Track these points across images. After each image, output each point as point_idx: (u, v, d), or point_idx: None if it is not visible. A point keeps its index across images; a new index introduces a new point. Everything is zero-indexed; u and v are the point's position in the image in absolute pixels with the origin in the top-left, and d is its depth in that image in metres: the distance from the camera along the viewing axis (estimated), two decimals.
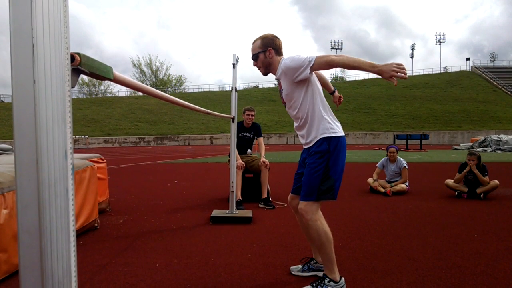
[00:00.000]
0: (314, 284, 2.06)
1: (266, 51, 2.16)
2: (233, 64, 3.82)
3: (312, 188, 2.03)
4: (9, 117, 38.23)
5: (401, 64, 1.77)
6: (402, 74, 1.74)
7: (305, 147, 2.20)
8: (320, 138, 2.06)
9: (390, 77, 1.76)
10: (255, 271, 2.37)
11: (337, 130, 2.12)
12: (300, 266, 2.37)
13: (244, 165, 4.62)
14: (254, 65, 2.24)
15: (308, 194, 2.04)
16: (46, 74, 0.72)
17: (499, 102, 44.19)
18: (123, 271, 2.38)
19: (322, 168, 2.03)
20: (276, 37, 2.22)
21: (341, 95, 2.68)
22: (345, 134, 2.16)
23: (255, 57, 2.20)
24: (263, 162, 4.62)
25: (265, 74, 2.23)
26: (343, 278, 2.08)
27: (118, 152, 20.31)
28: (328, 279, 2.04)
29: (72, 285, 0.77)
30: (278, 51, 2.19)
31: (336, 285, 2.03)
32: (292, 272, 2.35)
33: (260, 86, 63.87)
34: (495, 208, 4.37)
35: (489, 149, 18.36)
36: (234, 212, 3.87)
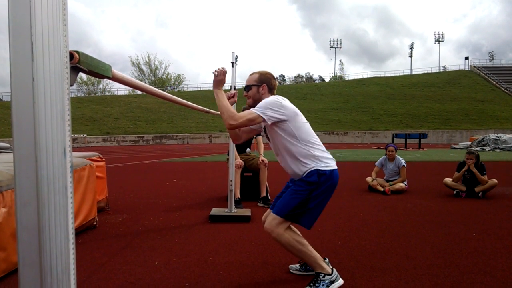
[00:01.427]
0: (312, 284, 2.07)
1: (260, 86, 2.23)
2: (232, 63, 3.82)
3: (287, 206, 2.04)
4: (7, 116, 38.15)
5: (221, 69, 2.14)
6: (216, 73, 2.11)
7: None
8: (312, 170, 2.07)
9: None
10: (253, 270, 2.38)
11: (330, 163, 2.14)
12: (298, 266, 2.38)
13: (243, 163, 4.63)
14: (245, 95, 2.29)
15: (280, 209, 2.06)
16: (45, 72, 0.72)
17: (497, 101, 44.26)
18: (121, 269, 2.38)
19: (304, 196, 2.04)
20: (274, 77, 2.31)
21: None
22: (344, 133, 2.17)
23: (248, 88, 2.26)
24: (262, 160, 4.62)
25: (251, 106, 2.23)
26: (334, 269, 2.13)
27: (117, 151, 20.30)
28: (322, 274, 2.07)
29: (71, 283, 0.77)
30: (271, 91, 2.27)
31: (331, 277, 2.07)
32: (291, 271, 2.36)
33: None
34: (493, 207, 4.38)
35: (487, 148, 18.40)
36: (233, 211, 3.88)
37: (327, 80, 77.05)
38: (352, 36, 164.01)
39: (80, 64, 0.85)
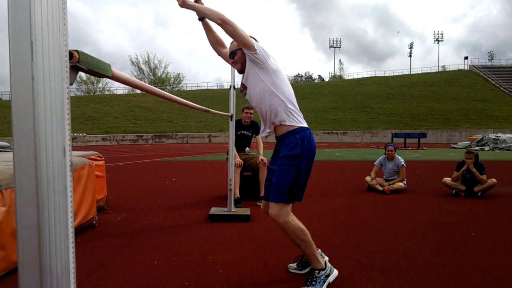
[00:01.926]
0: (308, 283, 2.08)
1: None
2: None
3: (283, 189, 2.04)
4: (7, 114, 38.11)
5: None
6: None
7: (277, 140, 2.22)
8: (291, 136, 2.09)
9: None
10: (253, 269, 2.38)
11: (305, 124, 2.17)
12: (295, 265, 2.39)
13: (242, 163, 4.63)
14: (232, 63, 2.27)
15: (278, 195, 2.05)
16: (44, 71, 0.72)
17: (497, 101, 44.31)
18: (121, 268, 2.38)
19: (294, 173, 2.05)
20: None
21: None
22: (343, 132, 2.19)
23: (232, 55, 2.23)
24: (261, 160, 4.62)
25: (241, 71, 2.25)
26: (327, 261, 2.17)
27: (116, 150, 20.29)
28: (317, 271, 2.09)
29: (71, 281, 0.77)
30: None
31: (325, 271, 2.10)
32: (290, 270, 2.36)
33: None
34: (492, 207, 4.39)
35: (486, 148, 18.43)
36: (232, 210, 3.88)
37: (326, 79, 77.09)
38: (351, 35, 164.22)
39: (79, 63, 0.85)
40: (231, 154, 4.01)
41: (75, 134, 30.29)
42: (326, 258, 2.33)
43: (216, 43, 2.37)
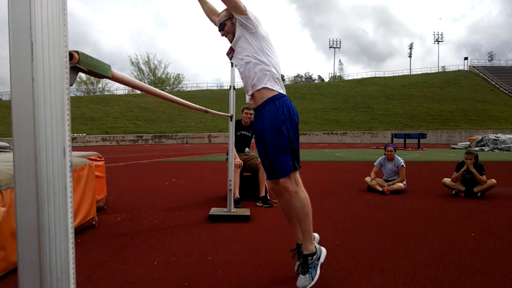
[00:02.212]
0: (303, 271, 2.11)
1: (232, 18, 2.23)
2: (232, 63, 3.81)
3: (285, 161, 2.09)
4: (7, 115, 38.10)
5: None
6: None
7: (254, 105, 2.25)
8: (270, 103, 2.12)
9: None
10: (253, 269, 2.38)
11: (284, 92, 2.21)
12: (297, 262, 2.37)
13: (242, 163, 4.63)
14: (222, 35, 2.29)
15: (284, 170, 2.10)
16: (44, 72, 0.72)
17: (496, 101, 44.33)
18: (121, 269, 2.38)
19: (286, 138, 2.09)
20: None
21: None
22: (343, 133, 2.22)
23: (222, 26, 2.26)
24: None
25: (232, 40, 2.26)
26: (315, 244, 2.22)
27: (116, 150, 20.29)
28: (310, 257, 2.13)
29: (70, 282, 0.77)
30: None
31: (317, 255, 2.17)
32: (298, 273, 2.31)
33: None
34: (492, 207, 4.39)
35: (486, 148, 18.43)
36: (232, 210, 3.88)
37: (326, 80, 77.13)
38: (351, 36, 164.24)
39: (79, 64, 0.85)
40: (230, 155, 4.02)
41: (75, 134, 30.29)
42: (316, 236, 2.39)
43: (210, 13, 2.43)
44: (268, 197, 4.61)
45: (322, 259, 2.21)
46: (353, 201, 4.84)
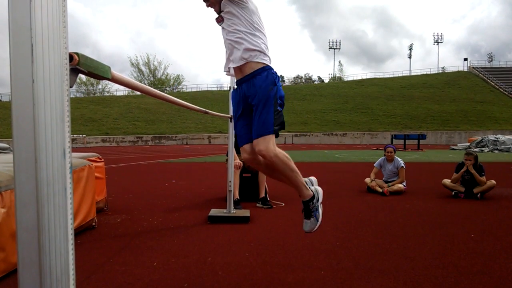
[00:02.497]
0: (307, 216, 2.13)
1: None
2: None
3: (268, 122, 2.04)
4: (7, 116, 38.10)
5: None
6: None
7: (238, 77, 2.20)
8: (262, 72, 2.09)
9: None
10: (252, 270, 2.38)
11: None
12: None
13: (242, 164, 4.63)
14: (208, 5, 2.23)
15: (265, 128, 2.03)
16: (44, 74, 0.73)
17: (496, 102, 44.36)
18: (120, 270, 2.38)
19: (272, 104, 2.06)
20: None
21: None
22: (343, 133, 2.22)
23: None
24: None
25: (219, 11, 2.20)
26: (311, 188, 2.19)
27: (116, 152, 20.28)
28: (310, 202, 2.14)
29: (70, 283, 0.78)
30: None
31: (315, 197, 2.17)
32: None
33: None
34: (491, 208, 4.39)
35: (486, 149, 18.44)
36: (232, 212, 3.88)
37: (326, 81, 77.22)
38: (351, 37, 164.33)
39: (79, 65, 0.85)
40: (230, 156, 4.02)
41: (74, 135, 30.28)
42: (313, 180, 2.35)
43: None
44: (268, 198, 4.61)
45: (321, 198, 2.20)
46: (353, 202, 4.84)
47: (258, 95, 2.08)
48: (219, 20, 2.22)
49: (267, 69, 2.12)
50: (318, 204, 2.19)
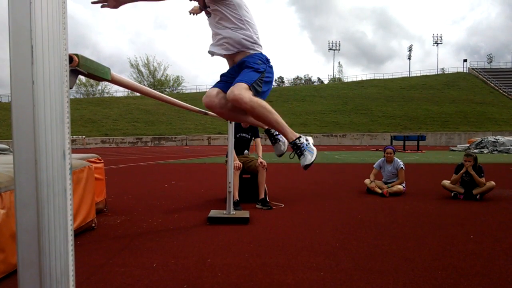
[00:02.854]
0: (299, 153, 2.11)
1: None
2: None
3: (250, 77, 2.04)
4: (6, 117, 38.09)
5: None
6: None
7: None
8: (255, 54, 2.16)
9: None
10: (252, 271, 2.38)
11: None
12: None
13: (241, 165, 4.63)
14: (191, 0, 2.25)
15: (247, 79, 2.03)
16: (44, 75, 0.73)
17: (496, 103, 44.42)
18: (120, 271, 2.38)
19: (261, 71, 2.10)
20: None
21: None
22: (343, 135, 2.22)
23: None
24: (261, 162, 4.63)
25: (204, 6, 2.21)
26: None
27: (116, 153, 20.28)
28: (297, 142, 2.11)
29: (70, 284, 0.78)
30: None
31: (302, 137, 2.15)
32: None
33: None
34: (491, 209, 4.39)
35: (485, 151, 18.45)
36: (231, 213, 3.88)
37: (325, 82, 77.31)
38: (350, 38, 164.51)
39: (79, 67, 0.86)
40: (230, 157, 4.02)
41: (74, 136, 30.26)
42: (309, 139, 2.32)
43: None
44: (268, 200, 4.62)
45: (310, 141, 2.18)
46: (353, 203, 4.84)
47: (249, 62, 2.14)
48: (207, 13, 2.24)
49: (261, 53, 2.21)
50: (307, 143, 2.13)
